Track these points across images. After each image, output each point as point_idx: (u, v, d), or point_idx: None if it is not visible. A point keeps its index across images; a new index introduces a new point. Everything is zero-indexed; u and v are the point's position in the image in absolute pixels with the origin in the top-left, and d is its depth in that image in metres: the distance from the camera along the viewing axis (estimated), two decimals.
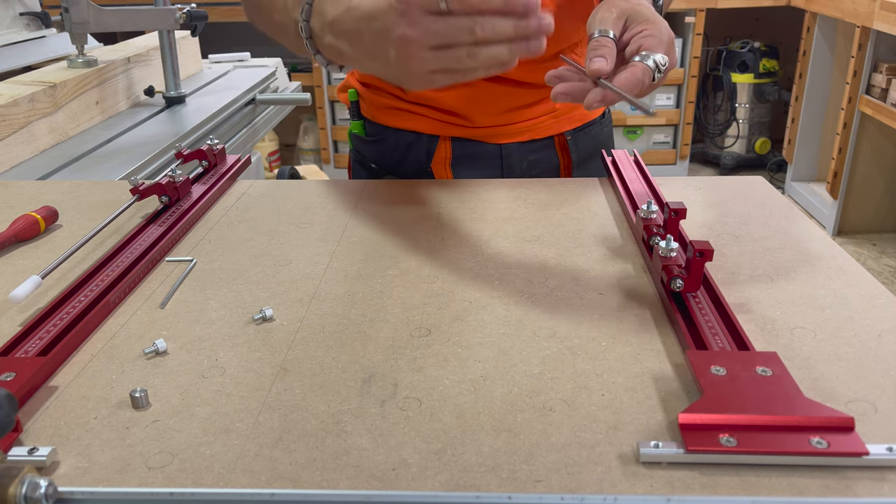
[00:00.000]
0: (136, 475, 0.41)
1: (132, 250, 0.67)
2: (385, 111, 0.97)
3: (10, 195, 0.87)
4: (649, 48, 0.61)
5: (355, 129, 1.01)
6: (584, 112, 0.99)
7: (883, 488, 0.39)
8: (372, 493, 0.40)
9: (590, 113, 0.99)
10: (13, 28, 1.89)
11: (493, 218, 0.77)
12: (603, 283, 0.63)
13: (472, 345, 0.54)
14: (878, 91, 2.61)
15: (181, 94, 1.58)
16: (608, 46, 0.62)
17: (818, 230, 0.73)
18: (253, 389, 0.49)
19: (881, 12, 2.46)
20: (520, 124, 0.95)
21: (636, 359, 0.52)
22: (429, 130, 0.95)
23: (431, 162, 0.96)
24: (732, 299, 0.59)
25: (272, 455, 0.42)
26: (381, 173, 1.00)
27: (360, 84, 0.99)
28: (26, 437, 0.45)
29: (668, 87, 3.43)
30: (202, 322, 0.58)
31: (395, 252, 0.69)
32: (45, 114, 1.23)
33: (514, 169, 0.97)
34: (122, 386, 0.50)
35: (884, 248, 2.83)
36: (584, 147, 0.99)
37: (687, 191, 0.84)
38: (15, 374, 0.48)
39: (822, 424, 0.42)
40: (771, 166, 3.60)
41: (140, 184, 0.77)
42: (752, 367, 0.47)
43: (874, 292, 0.60)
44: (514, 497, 0.39)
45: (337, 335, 0.55)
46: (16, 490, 0.36)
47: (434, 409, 0.46)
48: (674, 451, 0.41)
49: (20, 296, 0.58)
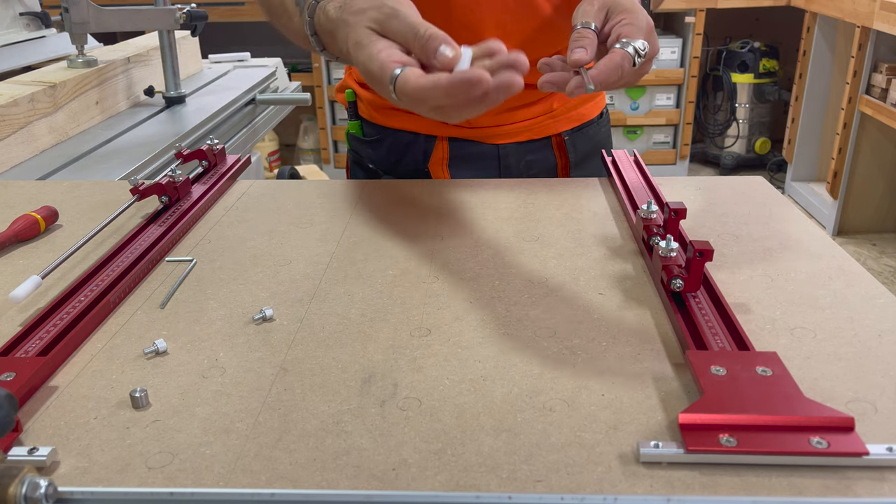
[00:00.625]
0: (136, 475, 0.41)
1: (132, 250, 0.67)
2: (383, 111, 0.97)
3: (10, 195, 0.87)
4: (628, 35, 0.64)
5: (353, 129, 1.01)
6: (582, 112, 0.99)
7: (883, 488, 0.39)
8: (372, 493, 0.40)
9: (587, 113, 1.00)
10: (13, 28, 1.89)
11: (493, 218, 0.77)
12: (603, 283, 0.63)
13: (472, 345, 0.54)
14: (878, 91, 2.61)
15: (181, 94, 1.58)
16: (589, 37, 0.64)
17: (818, 230, 0.73)
18: (253, 389, 0.49)
19: (881, 12, 2.46)
20: (517, 124, 0.95)
21: (636, 359, 0.52)
22: (426, 131, 0.95)
23: (429, 162, 0.96)
24: (732, 299, 0.59)
25: (272, 455, 0.42)
26: (379, 174, 1.00)
27: (358, 84, 0.99)
28: (26, 437, 0.45)
29: (668, 87, 3.44)
30: (202, 322, 0.58)
31: (395, 252, 0.69)
32: (45, 114, 1.23)
33: (512, 169, 0.97)
34: (122, 386, 0.50)
35: (884, 248, 2.83)
36: (582, 147, 0.99)
37: (687, 191, 0.84)
38: (15, 374, 0.48)
39: (822, 424, 0.42)
40: (771, 166, 3.60)
41: (140, 184, 0.77)
42: (752, 367, 0.47)
43: (874, 292, 0.60)
44: (514, 497, 0.39)
45: (337, 335, 0.55)
46: (16, 490, 0.36)
47: (434, 409, 0.46)
48: (674, 451, 0.41)
49: (20, 296, 0.58)
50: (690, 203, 0.79)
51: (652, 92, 3.44)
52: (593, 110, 1.01)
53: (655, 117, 3.46)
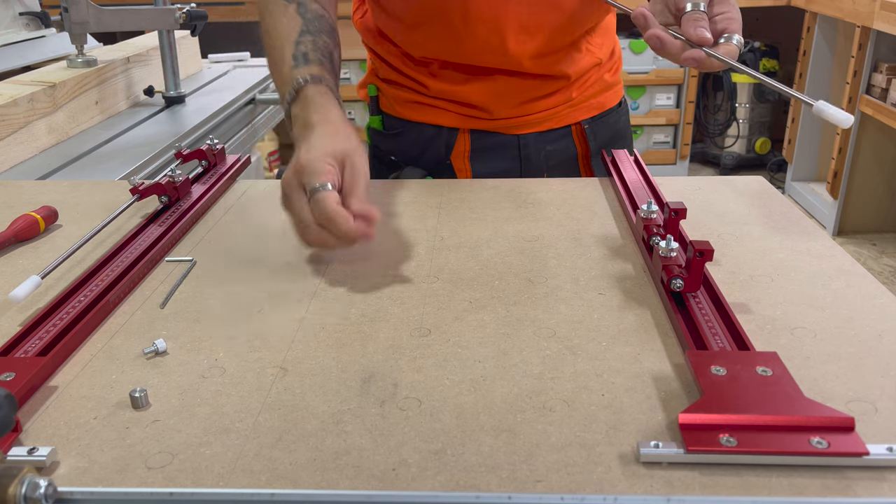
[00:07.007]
0: (135, 475, 0.41)
1: (132, 250, 0.67)
2: (407, 105, 0.98)
3: (10, 195, 0.87)
4: (732, 31, 0.69)
5: (374, 123, 1.02)
6: (602, 101, 1.00)
7: (883, 488, 0.39)
8: (372, 493, 0.40)
9: (607, 102, 1.01)
10: (13, 28, 1.89)
11: (493, 218, 0.77)
12: (603, 283, 0.63)
13: (472, 345, 0.54)
14: (878, 91, 2.61)
15: (181, 94, 1.58)
16: (705, 20, 0.69)
17: (818, 230, 0.73)
18: (253, 389, 0.49)
19: (881, 12, 2.46)
20: (538, 114, 0.96)
21: (636, 359, 0.52)
22: (450, 124, 0.96)
23: (451, 155, 0.97)
24: (732, 299, 0.59)
25: (272, 455, 0.42)
26: (401, 165, 1.00)
27: (382, 80, 1.00)
28: (26, 437, 0.45)
29: (668, 86, 3.43)
30: (202, 322, 0.58)
31: (395, 252, 0.69)
32: (44, 114, 1.23)
33: (532, 159, 0.98)
34: (122, 386, 0.49)
35: (884, 248, 2.83)
36: (602, 135, 1.00)
37: (687, 191, 0.84)
38: (15, 374, 0.48)
39: (822, 424, 0.42)
40: (771, 166, 3.60)
41: (140, 184, 0.77)
42: (752, 367, 0.47)
43: (874, 292, 0.60)
44: (514, 497, 0.39)
45: (337, 335, 0.55)
46: (15, 490, 0.36)
47: (434, 409, 0.46)
48: (674, 451, 0.41)
49: (20, 296, 0.58)
50: (690, 203, 0.79)
51: (652, 92, 3.44)
52: (612, 99, 1.02)
53: (655, 117, 3.46)
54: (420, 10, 0.87)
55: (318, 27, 0.76)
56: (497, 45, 0.87)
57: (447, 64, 0.92)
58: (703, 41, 0.67)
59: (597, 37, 0.96)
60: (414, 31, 0.90)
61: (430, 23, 0.87)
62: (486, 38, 0.86)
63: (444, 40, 0.88)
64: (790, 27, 3.44)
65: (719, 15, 0.70)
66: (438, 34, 0.88)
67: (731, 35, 0.69)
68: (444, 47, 0.90)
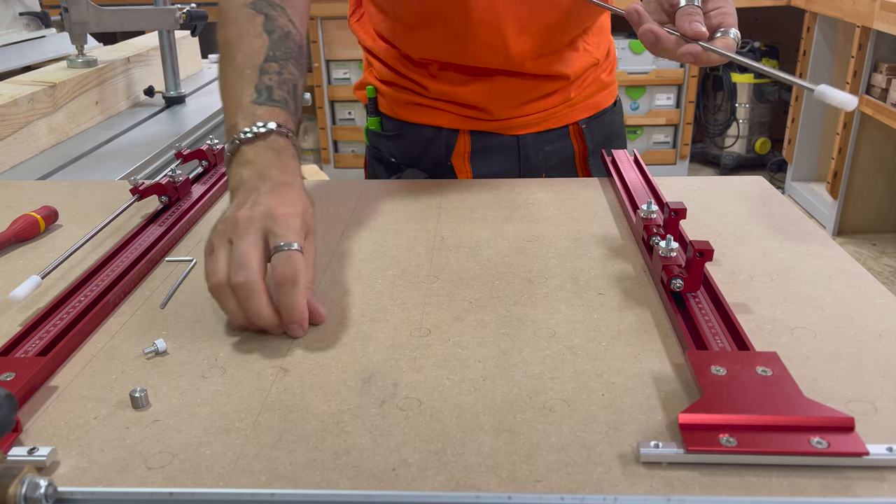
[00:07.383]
0: (135, 475, 0.41)
1: (132, 250, 0.67)
2: (406, 107, 0.98)
3: (10, 195, 0.87)
4: (728, 25, 0.69)
5: (372, 125, 1.02)
6: (598, 101, 1.01)
7: (883, 488, 0.39)
8: (372, 493, 0.40)
9: (602, 101, 1.02)
10: (13, 28, 1.89)
11: (493, 218, 0.77)
12: (603, 283, 0.63)
13: (472, 345, 0.54)
14: (878, 91, 2.61)
15: (181, 94, 1.58)
16: (700, 14, 0.68)
17: (818, 230, 0.73)
18: (253, 389, 0.49)
19: (881, 12, 2.46)
20: (537, 115, 0.96)
21: (636, 359, 0.52)
22: (450, 125, 0.96)
23: (451, 156, 0.97)
24: (732, 299, 0.59)
25: (272, 455, 0.42)
26: (401, 167, 1.00)
27: (381, 82, 1.00)
28: (26, 437, 0.45)
29: (668, 87, 3.43)
30: (202, 322, 0.58)
31: (395, 252, 0.69)
32: (44, 114, 1.23)
33: (531, 160, 0.98)
34: (122, 386, 0.49)
35: (884, 248, 2.83)
36: (598, 135, 1.01)
37: (687, 191, 0.84)
38: (15, 374, 0.48)
39: (822, 424, 0.42)
40: (771, 166, 3.60)
41: (140, 184, 0.77)
42: (752, 367, 0.47)
43: (874, 292, 0.60)
44: (514, 497, 0.39)
45: (337, 335, 0.55)
46: (16, 490, 0.36)
47: (434, 409, 0.46)
48: (674, 451, 0.41)
49: (20, 296, 0.58)
50: (690, 203, 0.79)
51: (652, 92, 3.44)
52: (608, 98, 1.02)
53: (655, 117, 3.46)
54: (420, 12, 0.87)
55: (284, 52, 0.69)
56: (498, 45, 0.87)
57: (447, 65, 0.92)
58: (699, 35, 0.67)
59: (593, 37, 0.97)
60: (414, 33, 0.90)
61: (430, 24, 0.87)
62: (488, 39, 0.86)
63: (445, 42, 0.88)
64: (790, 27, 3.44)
65: (714, 10, 0.70)
66: (439, 36, 0.88)
67: (727, 29, 0.68)
68: (444, 49, 0.90)
